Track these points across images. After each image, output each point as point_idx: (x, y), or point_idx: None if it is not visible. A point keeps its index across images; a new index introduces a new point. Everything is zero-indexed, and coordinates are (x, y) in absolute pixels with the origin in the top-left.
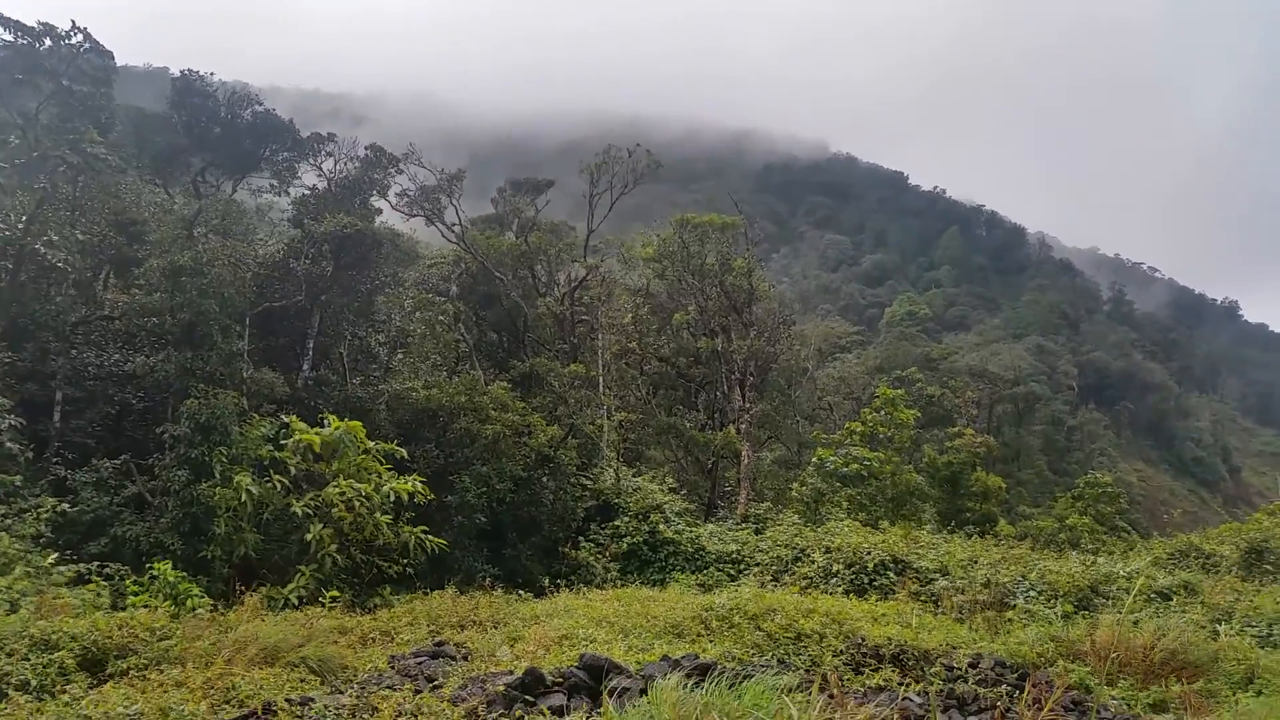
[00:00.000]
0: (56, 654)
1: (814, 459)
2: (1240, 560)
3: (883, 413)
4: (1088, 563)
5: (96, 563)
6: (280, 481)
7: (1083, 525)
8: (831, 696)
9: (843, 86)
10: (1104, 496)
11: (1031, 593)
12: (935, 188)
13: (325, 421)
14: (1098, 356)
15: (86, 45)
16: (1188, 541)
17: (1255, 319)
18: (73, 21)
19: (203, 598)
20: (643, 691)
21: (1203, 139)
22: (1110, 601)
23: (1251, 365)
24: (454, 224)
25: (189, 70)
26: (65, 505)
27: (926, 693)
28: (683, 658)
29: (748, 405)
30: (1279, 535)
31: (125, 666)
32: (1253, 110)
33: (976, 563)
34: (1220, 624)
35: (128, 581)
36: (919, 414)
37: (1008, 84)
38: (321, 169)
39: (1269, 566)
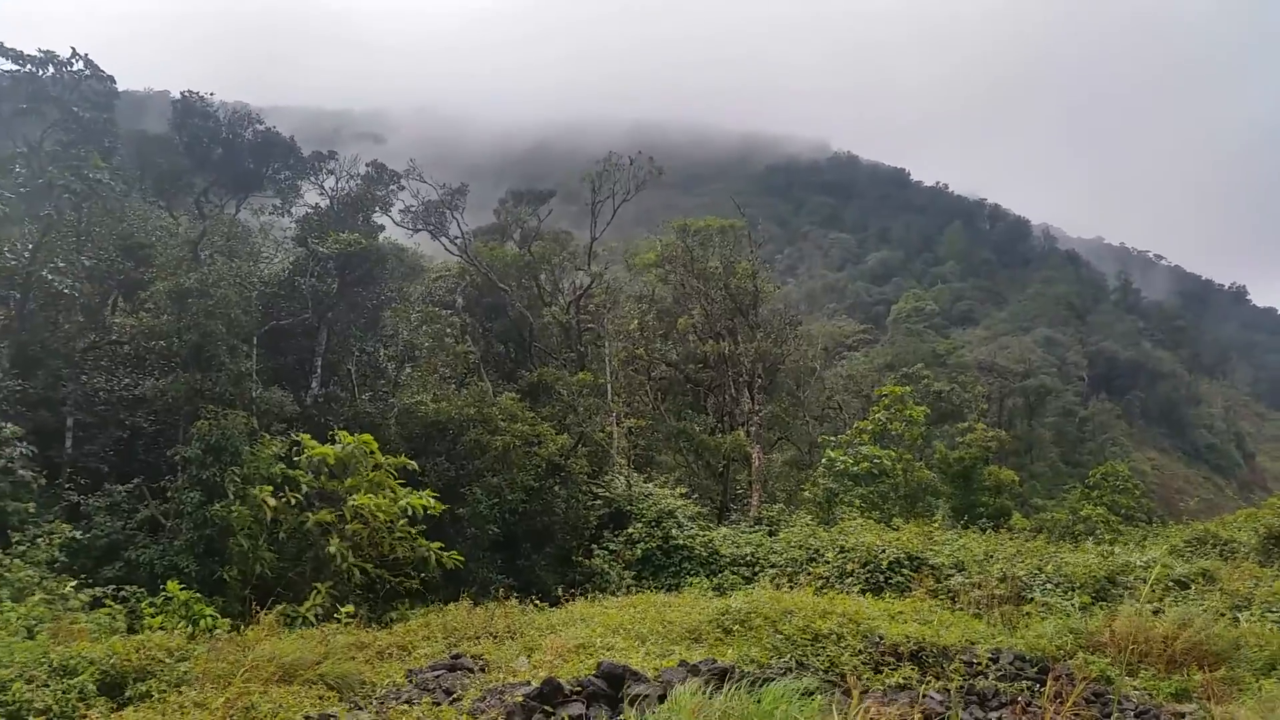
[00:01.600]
0: (76, 679)
1: (824, 459)
2: (1259, 546)
3: (892, 410)
4: (1104, 553)
5: (112, 586)
6: (294, 498)
7: (1098, 516)
8: (848, 695)
9: (845, 87)
10: (1119, 486)
11: (1048, 585)
12: (938, 183)
13: (336, 438)
14: (1107, 346)
15: (87, 72)
16: (1205, 529)
17: (1264, 303)
18: (73, 49)
19: (218, 618)
20: (661, 698)
21: (1231, 132)
22: (1128, 592)
23: (1261, 350)
24: (457, 237)
25: (189, 91)
26: (78, 531)
27: (948, 690)
28: (701, 663)
29: (757, 407)
30: None
31: (145, 689)
32: None
33: (992, 557)
34: (1240, 611)
35: (143, 604)
36: (928, 410)
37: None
38: (324, 187)
39: None
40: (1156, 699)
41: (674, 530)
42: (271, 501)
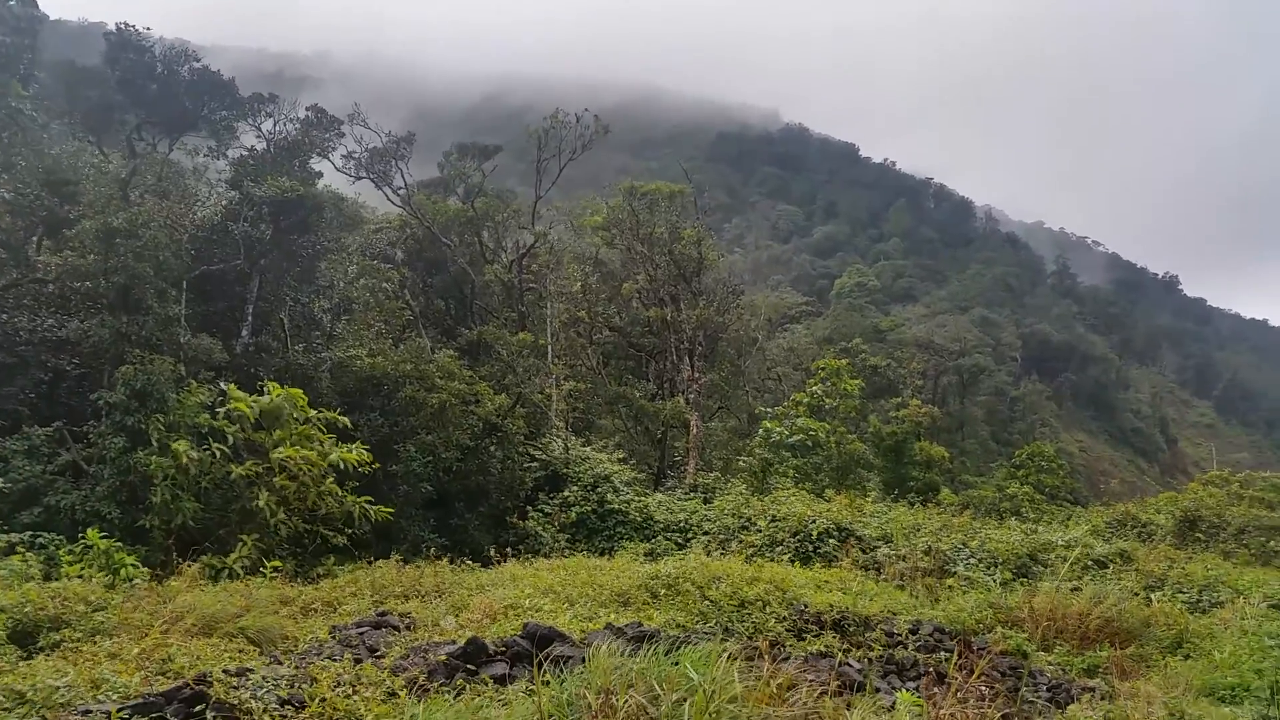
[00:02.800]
0: None
1: (761, 429)
2: (1175, 529)
3: (828, 383)
4: (1028, 531)
5: (29, 533)
6: (219, 450)
7: (1024, 494)
8: (760, 658)
9: (798, 53)
10: (1045, 466)
11: (972, 560)
12: (886, 160)
13: (265, 389)
14: (1041, 329)
15: None
16: (1125, 511)
17: (1194, 293)
18: None
19: (139, 568)
20: (585, 660)
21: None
22: (1049, 569)
23: (1190, 338)
24: (400, 188)
25: (124, 24)
26: None
27: (868, 659)
28: (626, 625)
29: (697, 375)
30: (1211, 505)
31: (58, 639)
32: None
33: (919, 530)
34: (1153, 591)
35: (61, 552)
36: (863, 384)
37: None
38: (261, 130)
39: (1201, 535)
40: (1070, 674)
41: (609, 495)
42: (193, 455)
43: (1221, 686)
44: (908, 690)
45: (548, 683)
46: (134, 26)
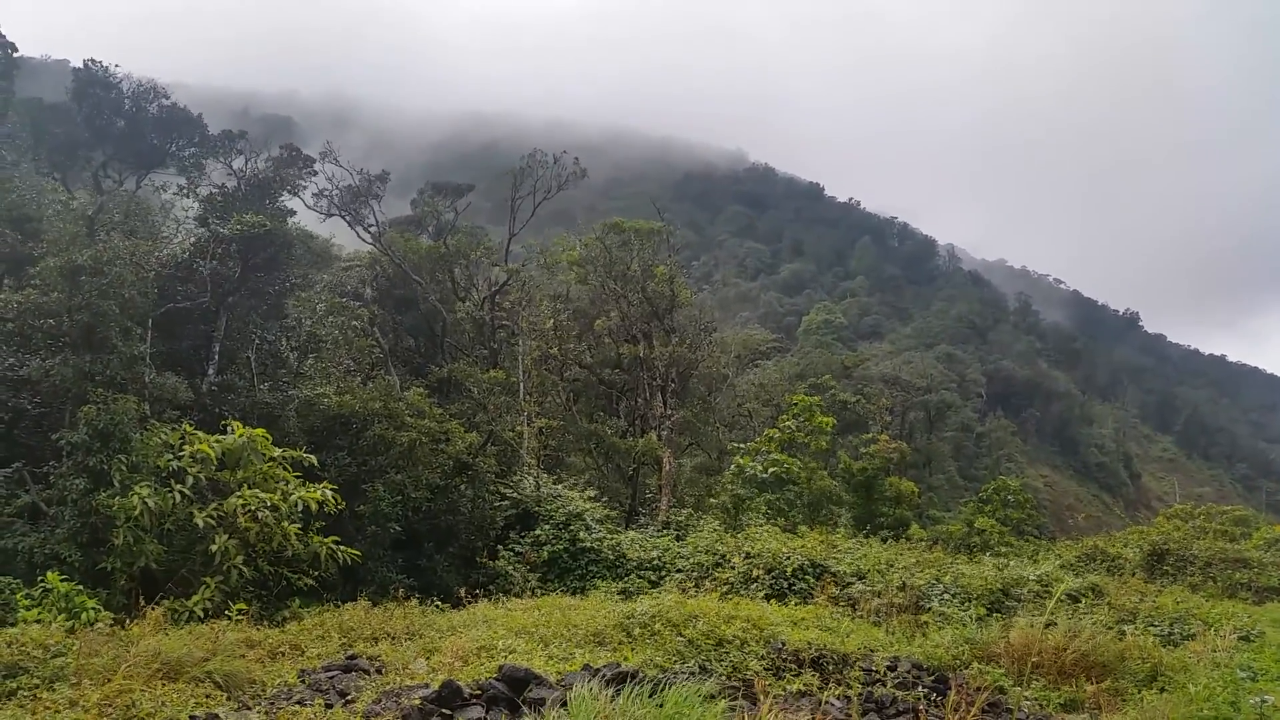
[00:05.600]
0: None
1: (734, 465)
2: (1143, 563)
3: (801, 419)
4: (1000, 565)
5: None
6: (181, 492)
7: (991, 529)
8: (754, 703)
9: (765, 94)
10: (1011, 501)
11: (946, 595)
12: (851, 199)
13: (229, 429)
14: (1005, 365)
15: None
16: (1094, 545)
17: (1154, 329)
18: None
19: (101, 611)
20: (564, 703)
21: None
22: (1021, 604)
23: (1150, 374)
24: (372, 225)
25: (92, 61)
26: None
27: (847, 697)
28: (604, 666)
29: (669, 412)
30: (1178, 539)
31: (14, 686)
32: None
33: (892, 566)
34: (1126, 624)
35: (19, 596)
36: (834, 420)
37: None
38: (231, 167)
39: (1169, 568)
40: (1047, 709)
41: (582, 533)
42: (151, 503)
43: (1197, 719)
44: None
45: None
46: (101, 63)
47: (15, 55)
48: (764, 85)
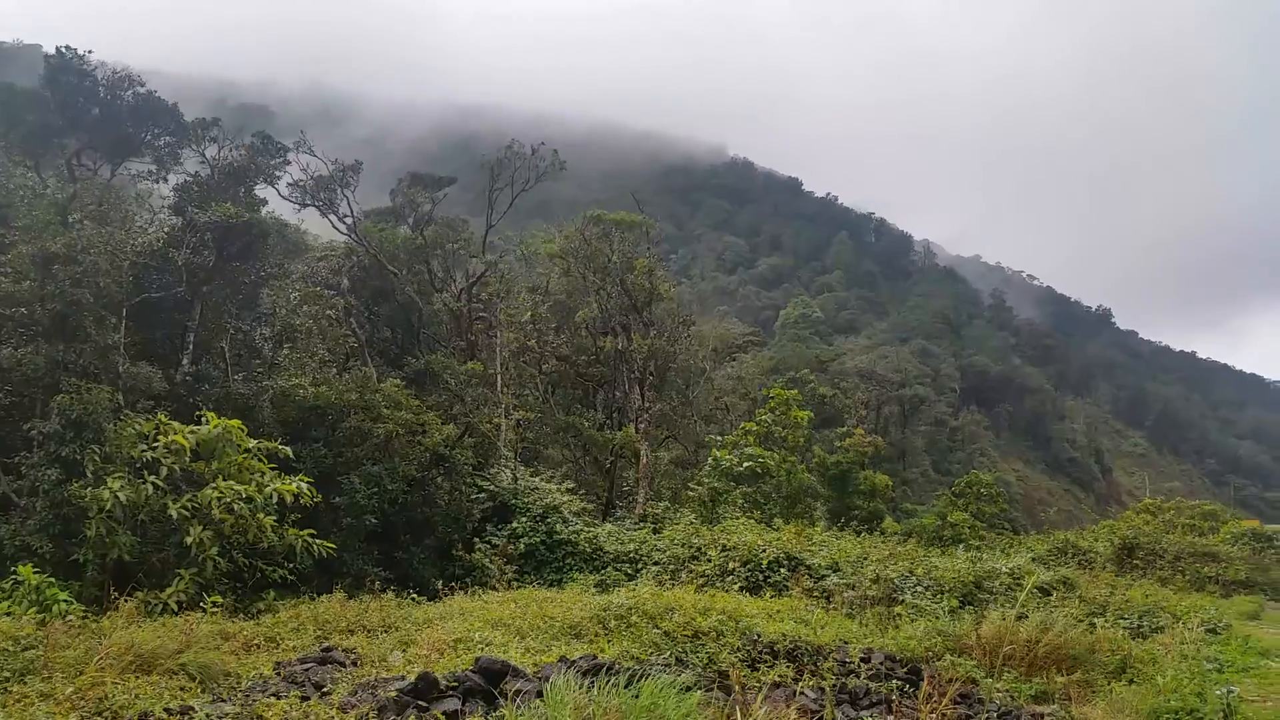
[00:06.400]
0: None
1: (711, 458)
2: (1113, 556)
3: (777, 413)
4: (973, 559)
5: None
6: (155, 483)
7: (964, 522)
8: (729, 693)
9: (745, 88)
10: (984, 494)
11: (919, 588)
12: (828, 194)
13: (204, 419)
14: (979, 360)
15: None
16: (1065, 539)
17: (1126, 326)
18: None
19: (73, 603)
20: (540, 694)
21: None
22: (994, 597)
23: (1122, 370)
24: (346, 215)
25: (65, 47)
26: None
27: (821, 688)
28: (580, 658)
29: (647, 405)
30: (1148, 533)
31: None
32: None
33: (866, 559)
34: (1096, 617)
35: None
36: (811, 414)
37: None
38: (205, 155)
39: (1139, 562)
40: (1019, 700)
41: (559, 525)
42: (124, 494)
43: (1165, 711)
44: (869, 718)
45: (499, 716)
46: (75, 50)
47: None
48: (764, 83)
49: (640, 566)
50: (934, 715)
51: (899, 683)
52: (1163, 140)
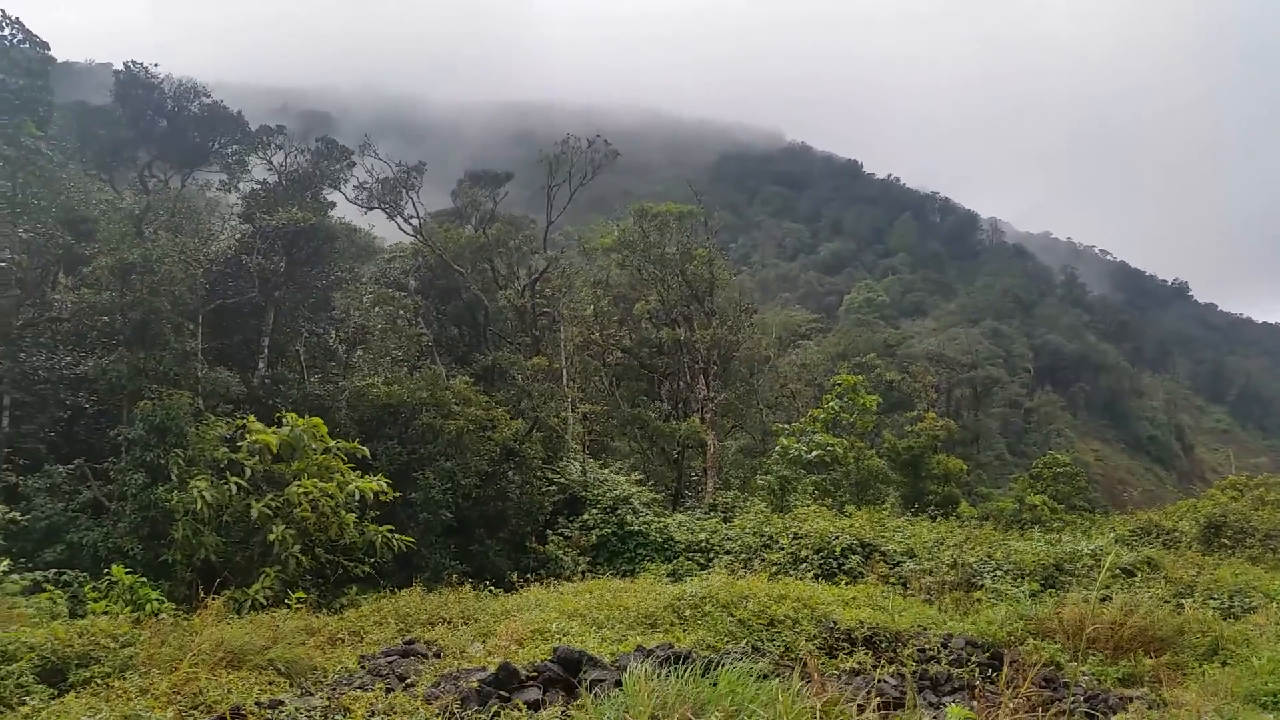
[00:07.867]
0: (14, 665)
1: (778, 446)
2: (1199, 535)
3: (845, 399)
4: (1052, 541)
5: (53, 570)
6: (237, 483)
7: (1043, 504)
8: (809, 680)
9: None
10: (1062, 476)
11: (998, 572)
12: (889, 175)
13: (283, 420)
14: (1052, 339)
15: (20, 37)
16: (1148, 519)
17: (1204, 299)
18: (2, 11)
19: (164, 602)
20: (618, 683)
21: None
22: (1075, 579)
23: (1201, 344)
24: (412, 217)
25: (132, 62)
26: (17, 513)
27: (901, 675)
28: (657, 647)
29: (712, 394)
30: (1235, 510)
31: (87, 675)
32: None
33: (942, 544)
34: (1184, 598)
35: (86, 588)
36: (879, 399)
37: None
38: (272, 162)
39: (1226, 540)
40: (1105, 684)
41: (629, 516)
42: (208, 496)
43: (1263, 693)
44: (951, 704)
45: (583, 707)
46: (142, 64)
47: (50, 54)
48: (831, 70)
49: (712, 556)
50: (1017, 699)
51: (980, 667)
52: (1249, 119)
